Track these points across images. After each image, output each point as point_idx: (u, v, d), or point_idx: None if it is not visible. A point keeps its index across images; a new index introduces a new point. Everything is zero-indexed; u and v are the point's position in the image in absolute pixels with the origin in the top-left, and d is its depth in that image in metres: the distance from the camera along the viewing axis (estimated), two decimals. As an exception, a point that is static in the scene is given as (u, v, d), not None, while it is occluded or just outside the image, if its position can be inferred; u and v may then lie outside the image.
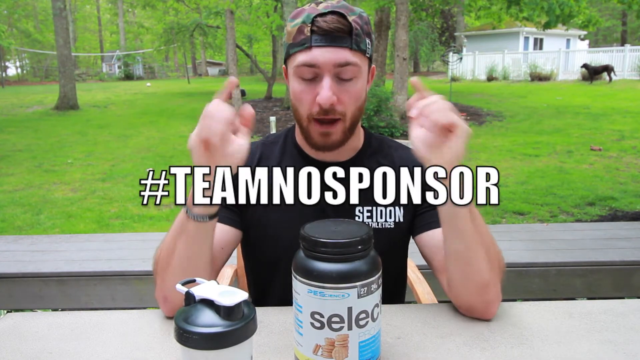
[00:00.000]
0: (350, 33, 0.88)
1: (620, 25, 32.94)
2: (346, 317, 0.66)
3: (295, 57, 0.91)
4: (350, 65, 0.90)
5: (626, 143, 7.20)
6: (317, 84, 0.91)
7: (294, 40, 0.91)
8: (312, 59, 0.89)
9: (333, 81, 0.90)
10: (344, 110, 0.93)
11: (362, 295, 0.66)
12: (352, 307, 0.66)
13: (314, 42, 0.88)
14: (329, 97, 0.89)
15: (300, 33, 0.90)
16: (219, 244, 0.99)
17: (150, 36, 34.90)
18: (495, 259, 0.88)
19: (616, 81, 15.54)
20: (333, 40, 0.88)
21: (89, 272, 2.62)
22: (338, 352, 0.67)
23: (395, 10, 9.46)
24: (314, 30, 0.88)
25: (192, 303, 0.62)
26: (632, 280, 2.63)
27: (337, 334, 0.66)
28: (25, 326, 0.87)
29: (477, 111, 10.99)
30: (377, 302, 0.69)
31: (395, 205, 1.03)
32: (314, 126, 0.94)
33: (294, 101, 0.96)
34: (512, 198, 4.69)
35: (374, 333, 0.69)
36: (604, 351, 0.77)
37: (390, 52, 14.94)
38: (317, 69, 0.89)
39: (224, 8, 11.86)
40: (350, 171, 1.02)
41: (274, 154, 1.06)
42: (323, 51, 0.88)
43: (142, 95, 17.58)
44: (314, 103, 0.91)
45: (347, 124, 0.95)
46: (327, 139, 0.95)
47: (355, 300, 0.66)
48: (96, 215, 4.59)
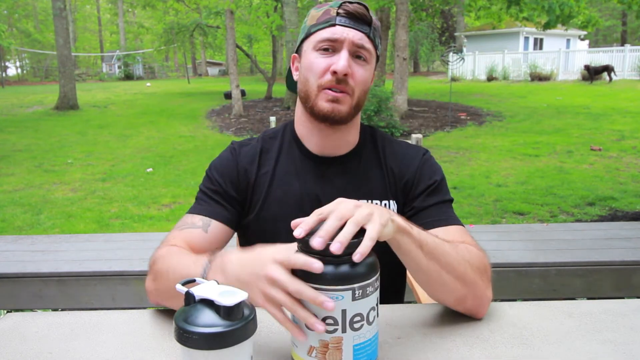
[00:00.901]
0: (370, 23, 0.98)
1: (620, 25, 32.94)
2: (340, 319, 0.65)
3: (318, 34, 0.97)
4: (365, 50, 0.97)
5: (626, 143, 7.20)
6: (333, 56, 0.96)
7: (318, 20, 0.98)
8: (335, 34, 0.95)
9: (350, 57, 0.96)
10: (354, 86, 0.97)
11: (357, 297, 0.65)
12: (346, 309, 0.65)
13: (338, 21, 0.96)
14: (345, 66, 0.94)
15: (326, 14, 0.98)
16: (216, 244, 0.99)
17: (150, 36, 34.91)
18: (468, 272, 0.84)
19: (616, 81, 15.53)
20: (356, 23, 0.97)
21: (89, 272, 2.62)
22: (332, 355, 0.66)
23: (395, 10, 9.46)
24: (340, 13, 0.97)
25: (192, 303, 0.62)
26: (632, 280, 2.62)
27: (331, 336, 0.66)
28: (25, 326, 0.87)
29: (477, 111, 10.99)
30: (374, 305, 0.68)
31: (391, 200, 1.04)
32: (323, 94, 0.96)
33: (305, 72, 0.99)
34: (512, 198, 4.69)
35: (369, 336, 0.68)
36: (604, 351, 0.77)
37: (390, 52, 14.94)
38: (338, 43, 0.95)
39: (224, 8, 11.85)
40: (347, 165, 1.04)
41: (274, 148, 1.08)
42: (346, 29, 0.96)
43: (142, 95, 17.59)
44: (327, 72, 0.95)
45: (354, 102, 0.98)
46: (335, 105, 0.96)
47: (350, 303, 0.64)
48: (96, 215, 4.59)
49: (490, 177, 5.55)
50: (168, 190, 5.42)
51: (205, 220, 0.99)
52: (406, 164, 1.06)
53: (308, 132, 1.05)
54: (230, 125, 10.31)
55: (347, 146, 1.06)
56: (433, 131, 8.85)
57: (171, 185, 5.61)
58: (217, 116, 11.78)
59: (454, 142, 7.80)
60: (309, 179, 1.04)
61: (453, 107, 10.76)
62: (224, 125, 10.44)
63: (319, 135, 1.03)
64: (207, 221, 0.99)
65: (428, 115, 10.55)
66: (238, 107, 11.73)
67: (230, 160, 1.06)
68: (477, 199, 4.73)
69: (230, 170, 1.05)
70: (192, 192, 5.53)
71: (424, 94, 14.78)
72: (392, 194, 1.05)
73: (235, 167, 1.05)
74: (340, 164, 1.05)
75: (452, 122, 9.63)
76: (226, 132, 9.64)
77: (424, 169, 1.05)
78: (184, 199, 5.05)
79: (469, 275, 0.84)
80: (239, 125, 10.31)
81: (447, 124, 9.45)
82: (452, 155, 6.81)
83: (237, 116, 11.42)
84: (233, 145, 1.09)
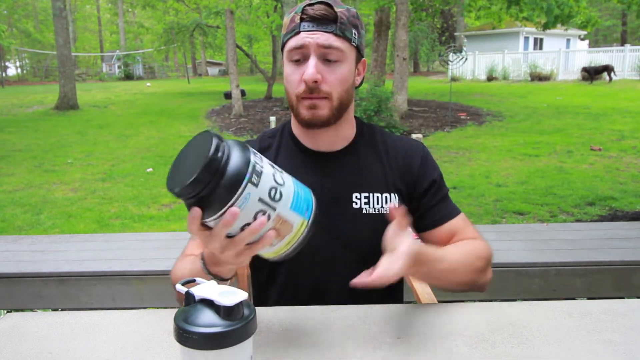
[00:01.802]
0: (335, 20, 0.96)
1: (620, 25, 32.93)
2: (263, 205, 0.68)
3: (287, 44, 0.99)
4: (334, 49, 0.96)
5: (626, 143, 7.20)
6: (304, 65, 0.97)
7: (287, 29, 0.99)
8: (300, 41, 0.96)
9: (319, 61, 0.96)
10: (330, 90, 0.97)
11: (255, 182, 0.67)
12: (258, 196, 0.67)
13: (302, 27, 0.96)
14: (312, 74, 0.94)
15: (292, 22, 0.98)
16: None
17: (150, 36, 34.88)
18: (474, 272, 0.98)
19: (616, 81, 15.53)
20: (319, 25, 0.96)
21: (89, 272, 2.62)
22: (283, 229, 0.71)
23: (395, 10, 9.46)
24: (303, 18, 0.96)
25: (192, 303, 0.62)
26: (632, 280, 2.62)
27: (273, 220, 0.69)
28: (25, 326, 0.87)
29: (477, 111, 10.99)
30: (273, 171, 0.71)
31: (390, 192, 1.06)
32: (302, 102, 0.99)
33: (285, 83, 1.01)
34: (512, 198, 4.69)
35: (292, 191, 0.72)
36: (604, 351, 0.77)
37: (390, 52, 14.94)
38: (304, 49, 0.96)
39: (224, 8, 11.85)
40: (345, 159, 1.06)
41: (272, 146, 1.10)
42: (309, 34, 0.96)
43: (142, 95, 17.58)
44: (301, 82, 0.97)
45: (335, 104, 0.99)
46: (314, 112, 0.98)
47: (256, 190, 0.67)
48: (96, 215, 4.59)
49: (490, 177, 5.55)
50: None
51: None
52: (409, 159, 1.08)
53: (302, 132, 1.08)
54: (230, 125, 10.31)
55: (343, 141, 1.08)
56: (433, 131, 8.85)
57: (171, 185, 5.60)
58: (217, 116, 11.78)
59: (454, 142, 7.80)
60: (307, 174, 1.03)
61: (453, 107, 10.76)
62: (224, 125, 10.44)
63: (312, 135, 1.06)
64: None
65: (428, 115, 10.55)
66: (238, 107, 11.73)
67: None
68: (477, 199, 4.73)
69: None
70: (192, 192, 5.55)
71: (424, 94, 14.78)
72: (393, 187, 1.06)
73: None
74: (337, 158, 1.06)
75: (452, 122, 9.63)
76: (226, 132, 9.64)
77: (427, 167, 1.09)
78: (184, 199, 5.04)
79: (474, 275, 0.98)
80: (239, 125, 10.31)
81: (447, 124, 9.45)
82: (452, 155, 6.81)
83: (237, 116, 11.42)
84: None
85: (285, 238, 0.72)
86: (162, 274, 2.51)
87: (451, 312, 0.90)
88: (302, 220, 0.73)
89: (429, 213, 1.07)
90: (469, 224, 1.09)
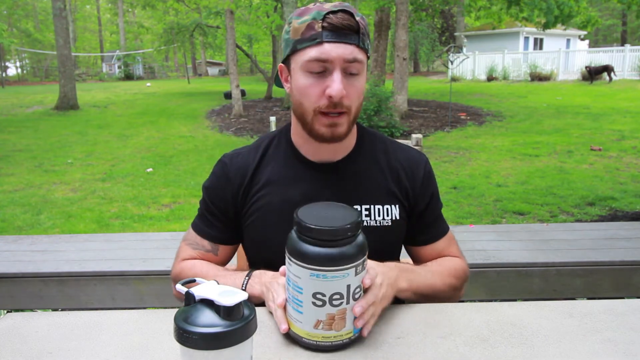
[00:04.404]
0: (358, 31, 0.91)
1: (620, 25, 32.94)
2: (345, 293, 0.73)
3: (305, 52, 0.92)
4: (357, 62, 0.92)
5: (626, 143, 7.20)
6: (326, 78, 0.92)
7: (303, 35, 0.92)
8: (324, 54, 0.90)
9: (342, 76, 0.92)
10: (350, 104, 0.94)
11: (359, 272, 0.74)
12: (350, 284, 0.73)
13: (325, 37, 0.90)
14: (340, 90, 0.90)
15: (311, 29, 0.91)
16: (228, 260, 1.13)
17: (150, 36, 34.84)
18: (451, 289, 1.04)
19: (616, 81, 15.53)
20: (344, 37, 0.90)
21: (89, 272, 2.61)
22: (337, 324, 0.74)
23: (395, 10, 9.46)
24: (325, 27, 0.90)
25: (192, 303, 0.62)
26: (632, 280, 2.62)
27: (337, 309, 0.73)
28: (25, 326, 0.87)
29: (477, 111, 10.99)
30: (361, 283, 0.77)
31: (392, 204, 1.04)
32: (320, 119, 0.95)
33: (298, 96, 0.95)
34: (512, 198, 4.69)
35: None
36: (604, 351, 0.77)
37: (390, 52, 14.95)
38: (329, 63, 0.91)
39: (224, 8, 11.85)
40: (345, 170, 1.03)
41: (269, 155, 1.06)
42: (334, 46, 0.90)
43: (142, 95, 17.58)
44: (322, 96, 0.92)
45: (352, 117, 0.97)
46: (334, 130, 0.95)
47: (353, 278, 0.73)
48: (96, 215, 4.59)
49: (490, 177, 5.55)
50: (168, 190, 5.42)
51: (213, 246, 1.08)
52: (411, 172, 1.07)
53: (304, 142, 1.04)
54: (230, 125, 10.31)
55: (344, 151, 1.04)
56: (433, 131, 8.85)
57: (171, 185, 5.61)
58: (217, 116, 11.78)
59: (454, 142, 7.80)
60: (306, 184, 1.02)
61: (453, 107, 10.76)
62: (224, 125, 10.44)
63: (316, 145, 1.02)
64: (214, 246, 1.08)
65: (428, 115, 10.55)
66: (238, 107, 11.73)
67: (221, 177, 1.05)
68: (477, 199, 4.73)
69: (223, 189, 1.05)
70: (192, 192, 5.53)
71: (424, 94, 14.78)
72: (395, 198, 1.04)
73: (227, 182, 1.04)
74: (337, 169, 1.03)
75: (452, 122, 9.63)
76: (226, 132, 9.64)
77: (430, 182, 1.09)
78: (184, 199, 5.05)
79: (451, 291, 1.04)
80: (239, 125, 10.31)
81: (447, 124, 9.45)
82: (452, 155, 6.81)
83: (237, 116, 11.42)
84: (224, 159, 1.07)
85: (330, 332, 0.74)
86: (162, 274, 2.51)
87: (451, 312, 0.90)
88: (351, 329, 0.76)
89: (425, 230, 1.09)
90: (453, 243, 1.13)
